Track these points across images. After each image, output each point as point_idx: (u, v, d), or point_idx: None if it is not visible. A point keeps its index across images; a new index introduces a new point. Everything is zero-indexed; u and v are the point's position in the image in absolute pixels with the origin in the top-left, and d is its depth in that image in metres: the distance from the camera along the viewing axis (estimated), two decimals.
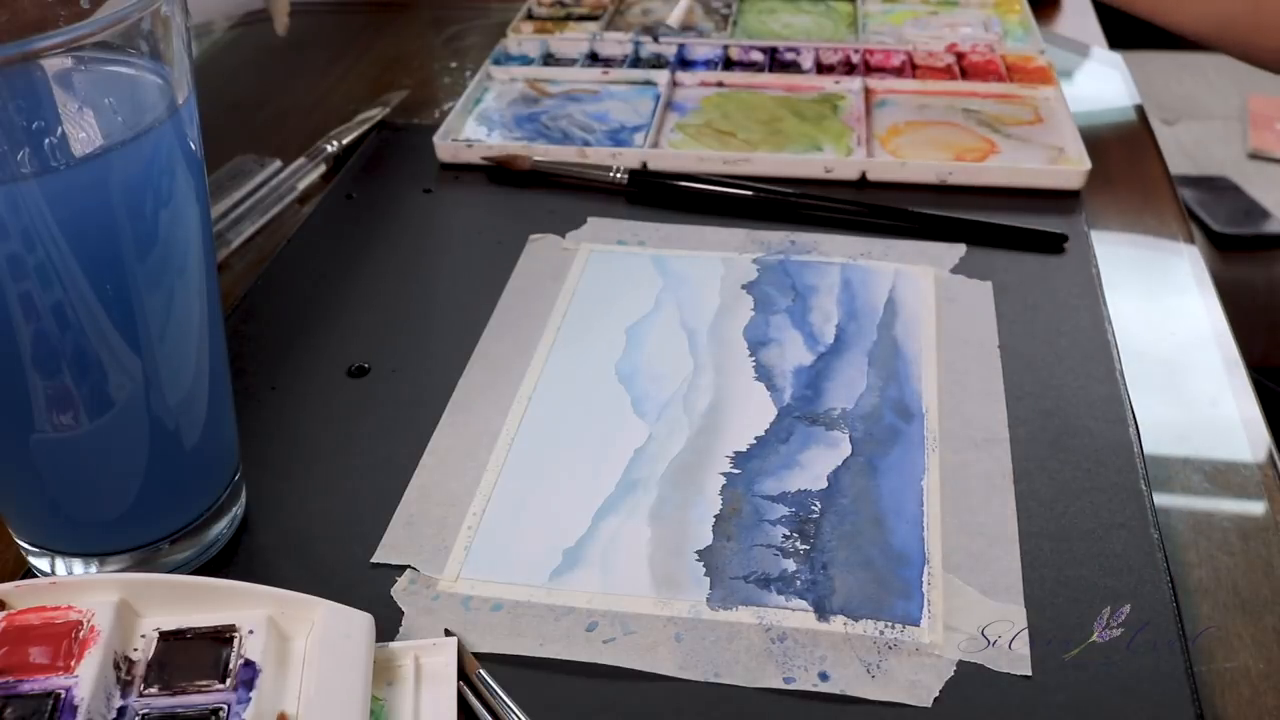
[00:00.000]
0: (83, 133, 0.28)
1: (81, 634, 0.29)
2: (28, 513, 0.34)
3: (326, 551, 0.36)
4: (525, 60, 0.67)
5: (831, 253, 0.49)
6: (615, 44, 0.68)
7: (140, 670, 0.29)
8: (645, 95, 0.63)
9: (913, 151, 0.57)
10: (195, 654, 0.29)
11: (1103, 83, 0.67)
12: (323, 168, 0.58)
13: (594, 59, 0.68)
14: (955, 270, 0.48)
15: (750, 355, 0.43)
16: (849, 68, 0.66)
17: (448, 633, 0.32)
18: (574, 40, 0.69)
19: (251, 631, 0.30)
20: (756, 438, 0.39)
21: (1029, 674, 0.31)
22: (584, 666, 0.32)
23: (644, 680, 0.31)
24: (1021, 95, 0.61)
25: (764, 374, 0.42)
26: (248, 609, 0.30)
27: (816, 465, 0.38)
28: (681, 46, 0.68)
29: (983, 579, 0.34)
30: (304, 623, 0.31)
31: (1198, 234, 0.90)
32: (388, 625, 0.33)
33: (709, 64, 0.67)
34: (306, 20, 0.75)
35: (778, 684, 0.31)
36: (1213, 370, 0.44)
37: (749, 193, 0.53)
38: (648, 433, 0.40)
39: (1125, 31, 0.83)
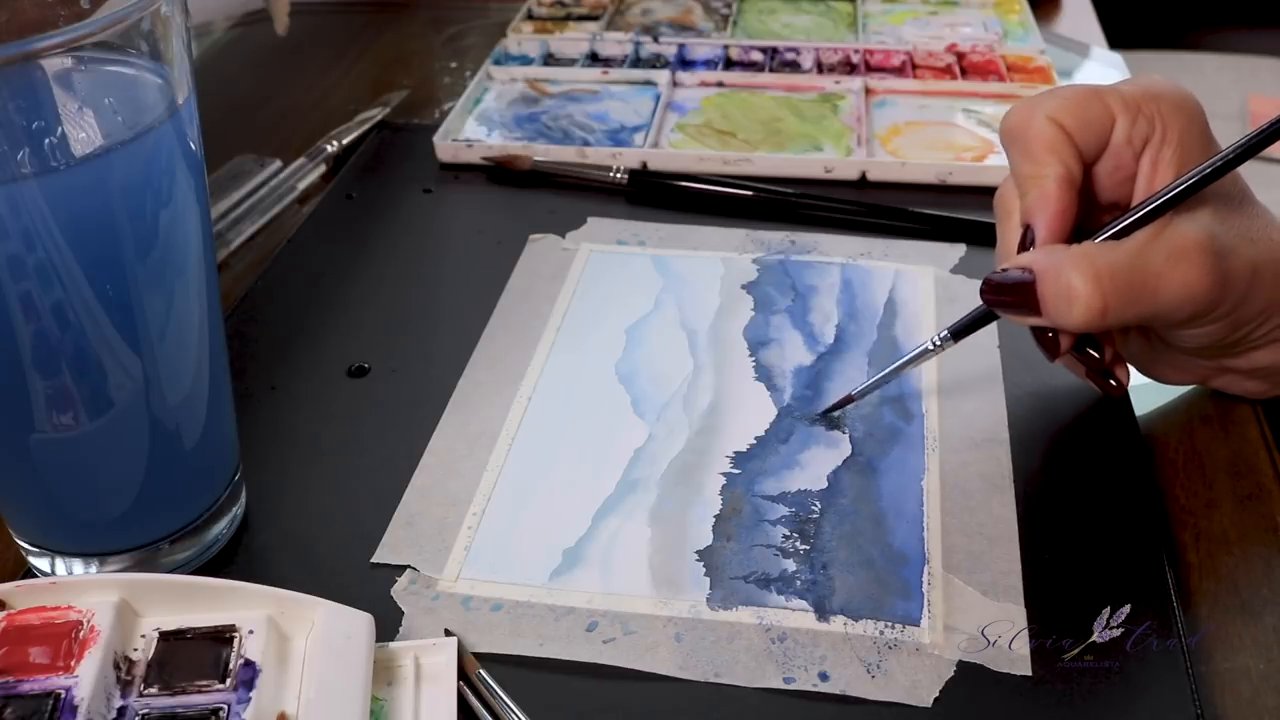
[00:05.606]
0: (83, 133, 0.28)
1: (81, 634, 0.29)
2: (28, 513, 0.34)
3: (326, 551, 0.36)
4: (525, 60, 0.67)
5: (831, 253, 0.49)
6: (615, 44, 0.68)
7: (140, 670, 0.29)
8: (645, 95, 0.63)
9: (913, 151, 0.57)
10: (195, 654, 0.29)
11: (1103, 82, 0.67)
12: (323, 168, 0.58)
13: (594, 59, 0.68)
14: (955, 270, 0.48)
15: (750, 355, 0.43)
16: (849, 68, 0.66)
17: (448, 633, 0.32)
18: (574, 40, 0.69)
19: (251, 631, 0.30)
20: (756, 438, 0.39)
21: (1029, 674, 0.31)
22: (584, 666, 0.32)
23: (644, 680, 0.31)
24: (1021, 95, 0.61)
25: (764, 374, 0.42)
26: (248, 609, 0.30)
27: (816, 465, 0.38)
28: (681, 46, 0.68)
29: (983, 579, 0.34)
30: (304, 623, 0.31)
31: None
32: (388, 625, 0.33)
33: (709, 64, 0.67)
34: (306, 20, 0.75)
35: (778, 684, 0.31)
36: None
37: (749, 193, 0.53)
38: (648, 433, 0.40)
39: (1125, 31, 0.83)
